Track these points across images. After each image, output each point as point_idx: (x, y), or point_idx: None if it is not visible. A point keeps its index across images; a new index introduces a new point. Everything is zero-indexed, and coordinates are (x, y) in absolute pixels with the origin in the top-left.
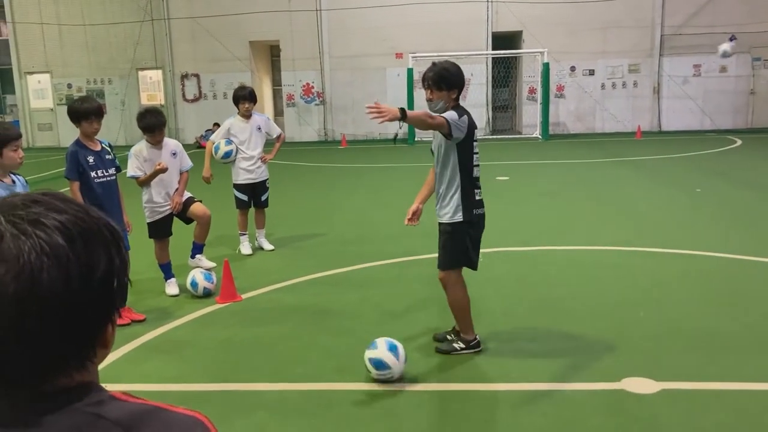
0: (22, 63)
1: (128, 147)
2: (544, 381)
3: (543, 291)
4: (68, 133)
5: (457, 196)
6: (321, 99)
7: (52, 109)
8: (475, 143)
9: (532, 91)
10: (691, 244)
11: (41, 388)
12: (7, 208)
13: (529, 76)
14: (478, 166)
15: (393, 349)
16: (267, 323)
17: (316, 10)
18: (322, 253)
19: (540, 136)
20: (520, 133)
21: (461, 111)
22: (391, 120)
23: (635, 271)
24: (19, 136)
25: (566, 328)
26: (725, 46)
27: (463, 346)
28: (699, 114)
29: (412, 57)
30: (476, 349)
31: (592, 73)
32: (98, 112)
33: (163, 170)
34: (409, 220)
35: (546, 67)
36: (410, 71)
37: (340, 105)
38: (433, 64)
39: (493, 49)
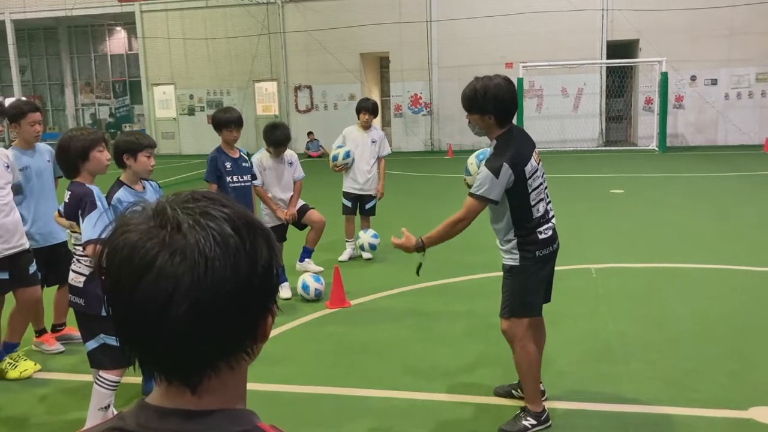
0: (150, 75)
1: None
2: (661, 404)
3: (660, 310)
4: (189, 142)
5: (514, 242)
6: (428, 109)
7: (174, 119)
8: (530, 180)
9: (648, 101)
10: None
11: (197, 389)
12: (179, 201)
13: (645, 86)
14: (542, 200)
15: None
16: (375, 330)
17: (426, 21)
18: (428, 263)
19: (657, 148)
20: (635, 145)
21: (499, 155)
22: (412, 251)
23: (764, 293)
24: (155, 145)
25: (685, 350)
26: None
27: (534, 422)
28: None
29: (523, 66)
30: (547, 424)
31: (714, 82)
32: (238, 122)
33: (289, 220)
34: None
35: (664, 77)
36: (520, 81)
37: (447, 115)
38: (476, 78)
39: (608, 58)
